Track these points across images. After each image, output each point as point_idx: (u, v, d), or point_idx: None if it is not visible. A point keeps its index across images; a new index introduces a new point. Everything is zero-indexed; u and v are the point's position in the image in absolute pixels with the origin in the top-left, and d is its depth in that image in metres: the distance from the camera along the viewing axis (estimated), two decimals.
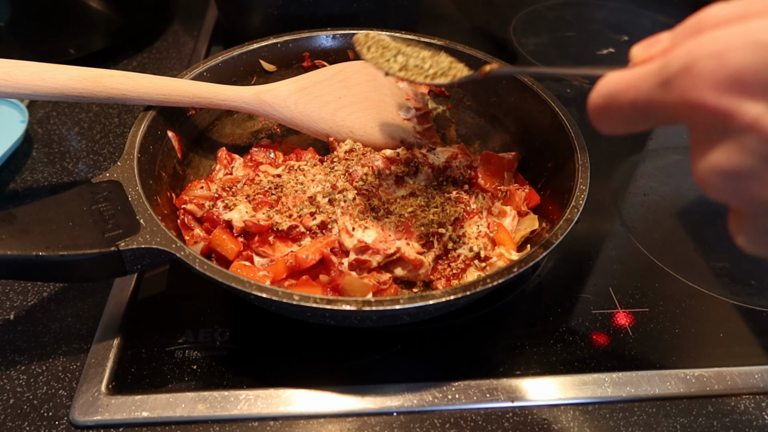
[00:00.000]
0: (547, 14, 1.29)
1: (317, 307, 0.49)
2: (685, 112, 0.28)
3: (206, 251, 0.64)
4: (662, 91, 0.29)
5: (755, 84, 0.25)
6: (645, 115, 0.31)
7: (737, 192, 0.28)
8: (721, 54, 0.26)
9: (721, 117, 0.26)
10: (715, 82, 0.26)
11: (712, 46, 0.26)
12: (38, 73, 0.62)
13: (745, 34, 0.26)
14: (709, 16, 0.29)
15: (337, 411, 0.55)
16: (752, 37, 0.25)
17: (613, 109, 0.32)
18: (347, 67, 0.80)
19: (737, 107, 0.26)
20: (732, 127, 0.26)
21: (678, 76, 0.27)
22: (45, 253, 0.50)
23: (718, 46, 0.26)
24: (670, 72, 0.28)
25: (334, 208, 0.66)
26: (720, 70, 0.26)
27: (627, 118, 0.32)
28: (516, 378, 0.58)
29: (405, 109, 0.81)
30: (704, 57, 0.26)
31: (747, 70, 0.25)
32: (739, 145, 0.26)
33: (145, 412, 0.54)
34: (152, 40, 1.11)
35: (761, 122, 0.25)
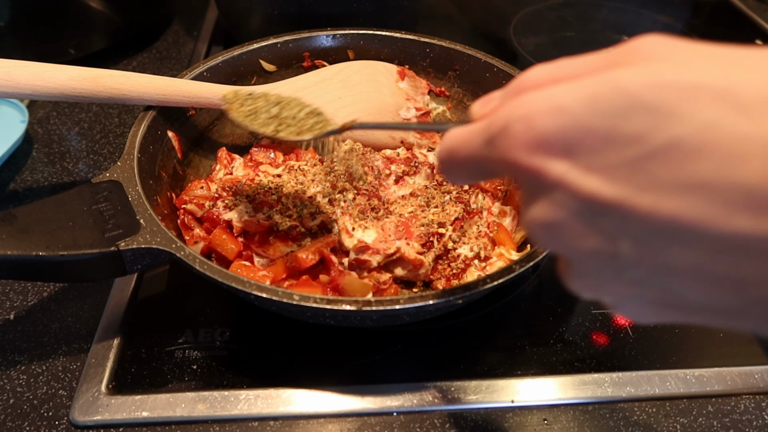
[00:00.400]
0: (547, 14, 1.29)
1: (317, 307, 0.49)
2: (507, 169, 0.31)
3: (206, 251, 0.64)
4: (488, 150, 0.32)
5: (557, 145, 0.28)
6: (479, 169, 0.34)
7: (554, 241, 0.31)
8: (529, 117, 0.29)
9: (533, 175, 0.29)
10: (525, 143, 0.29)
11: (523, 109, 0.29)
12: (38, 73, 0.62)
13: (549, 98, 0.29)
14: (528, 78, 0.32)
15: (337, 411, 0.55)
16: (554, 102, 0.28)
17: (454, 164, 0.35)
18: (347, 67, 0.80)
19: (544, 166, 0.28)
20: (543, 184, 0.29)
21: (497, 136, 0.30)
22: (45, 253, 0.50)
23: (528, 109, 0.29)
24: (492, 132, 0.31)
25: (334, 208, 0.66)
26: (528, 133, 0.29)
27: (467, 171, 0.35)
28: (516, 378, 0.58)
29: (405, 109, 0.81)
30: (516, 120, 0.29)
31: (548, 132, 0.28)
32: (550, 200, 0.29)
33: (145, 412, 0.54)
34: (152, 40, 1.11)
35: (565, 179, 0.28)
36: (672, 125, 0.25)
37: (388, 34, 0.83)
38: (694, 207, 0.25)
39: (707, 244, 0.26)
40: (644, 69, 0.27)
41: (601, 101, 0.27)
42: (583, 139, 0.27)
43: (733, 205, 0.24)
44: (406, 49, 0.84)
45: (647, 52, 0.28)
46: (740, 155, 0.24)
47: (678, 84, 0.26)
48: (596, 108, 0.27)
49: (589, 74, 0.29)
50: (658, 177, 0.26)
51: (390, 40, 0.83)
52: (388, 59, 0.84)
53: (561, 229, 0.30)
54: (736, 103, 0.25)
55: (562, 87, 0.29)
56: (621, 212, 0.27)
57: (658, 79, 0.26)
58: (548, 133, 0.28)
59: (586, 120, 0.27)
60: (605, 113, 0.27)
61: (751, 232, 0.24)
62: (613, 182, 0.27)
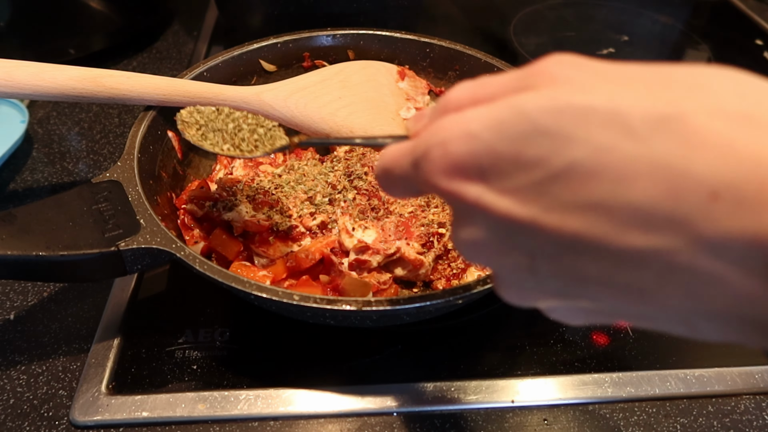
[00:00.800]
0: (547, 14, 1.29)
1: (317, 307, 0.49)
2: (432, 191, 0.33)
3: (206, 251, 0.64)
4: (414, 171, 0.33)
5: (470, 170, 0.30)
6: (411, 188, 0.35)
7: (479, 258, 0.33)
8: (445, 143, 0.30)
9: (452, 198, 0.31)
10: (443, 168, 0.31)
11: (441, 134, 0.31)
12: (38, 73, 0.62)
13: (462, 123, 0.30)
14: (451, 98, 0.33)
15: (337, 411, 0.55)
16: (465, 127, 0.30)
17: (390, 182, 0.37)
18: (347, 67, 0.80)
19: (460, 190, 0.30)
20: (462, 206, 0.31)
21: (420, 160, 0.32)
22: (45, 253, 0.50)
23: (444, 135, 0.31)
24: (416, 156, 0.33)
25: (334, 208, 0.66)
26: (444, 158, 0.30)
27: (401, 188, 0.37)
28: (516, 378, 0.58)
29: (405, 109, 0.81)
30: (435, 145, 0.31)
31: (462, 157, 0.30)
32: (471, 221, 0.31)
33: (145, 412, 0.54)
34: (152, 40, 1.11)
35: (480, 201, 0.30)
36: (569, 149, 0.27)
37: (388, 34, 0.83)
38: (594, 225, 0.27)
39: (609, 258, 0.27)
40: (544, 93, 0.28)
41: (507, 127, 0.28)
42: (493, 163, 0.29)
43: (626, 223, 0.26)
44: (406, 49, 0.84)
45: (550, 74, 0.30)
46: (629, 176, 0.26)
47: (572, 108, 0.27)
48: (503, 134, 0.29)
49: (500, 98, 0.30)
50: (560, 198, 0.27)
51: (390, 40, 0.83)
52: (388, 59, 0.84)
53: (482, 247, 0.32)
54: (624, 125, 0.26)
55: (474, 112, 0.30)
56: (532, 230, 0.29)
57: (555, 103, 0.28)
58: (462, 158, 0.30)
59: (495, 145, 0.29)
60: (511, 139, 0.28)
61: (642, 246, 0.26)
62: (523, 203, 0.28)
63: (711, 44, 1.21)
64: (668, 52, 1.22)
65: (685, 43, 1.23)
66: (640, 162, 0.26)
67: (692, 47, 1.21)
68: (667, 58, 1.20)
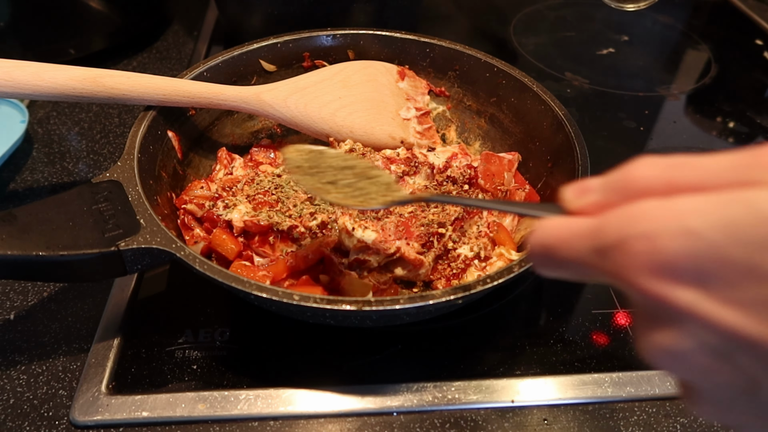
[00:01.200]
0: (547, 14, 1.29)
1: (317, 307, 0.49)
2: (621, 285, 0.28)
3: (206, 251, 0.64)
4: (598, 260, 0.29)
5: (686, 272, 0.25)
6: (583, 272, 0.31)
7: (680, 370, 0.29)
8: (654, 237, 0.26)
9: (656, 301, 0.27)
10: (649, 266, 0.26)
11: (644, 225, 0.26)
12: (38, 73, 0.62)
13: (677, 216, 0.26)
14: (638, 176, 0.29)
15: (337, 411, 0.55)
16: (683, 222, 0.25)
17: (552, 261, 0.32)
18: (347, 67, 0.80)
19: (670, 294, 0.26)
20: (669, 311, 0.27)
21: (612, 250, 0.28)
22: (45, 253, 0.50)
23: (651, 226, 0.26)
24: (604, 243, 0.28)
25: (334, 208, 0.66)
26: (653, 255, 0.26)
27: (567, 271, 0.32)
28: (516, 378, 0.58)
29: (405, 109, 0.81)
30: (637, 236, 0.26)
31: (678, 257, 0.25)
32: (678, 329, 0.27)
33: (145, 412, 0.54)
34: (152, 40, 1.11)
35: (695, 309, 0.26)
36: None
37: (388, 34, 0.83)
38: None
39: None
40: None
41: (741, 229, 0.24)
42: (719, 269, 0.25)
43: None
44: (406, 49, 0.84)
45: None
46: None
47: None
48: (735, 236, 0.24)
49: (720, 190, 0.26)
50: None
51: (390, 40, 0.83)
52: (388, 59, 0.84)
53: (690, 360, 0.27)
54: None
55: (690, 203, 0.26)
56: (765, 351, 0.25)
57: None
58: (678, 258, 0.25)
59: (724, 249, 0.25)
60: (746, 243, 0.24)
61: None
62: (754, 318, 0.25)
63: (711, 44, 1.21)
64: (668, 52, 1.22)
65: (685, 43, 1.23)
66: None
67: (692, 47, 1.22)
68: (667, 58, 1.20)
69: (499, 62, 0.79)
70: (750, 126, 1.01)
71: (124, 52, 1.07)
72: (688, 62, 1.18)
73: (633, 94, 1.05)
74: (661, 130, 0.97)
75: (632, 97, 1.04)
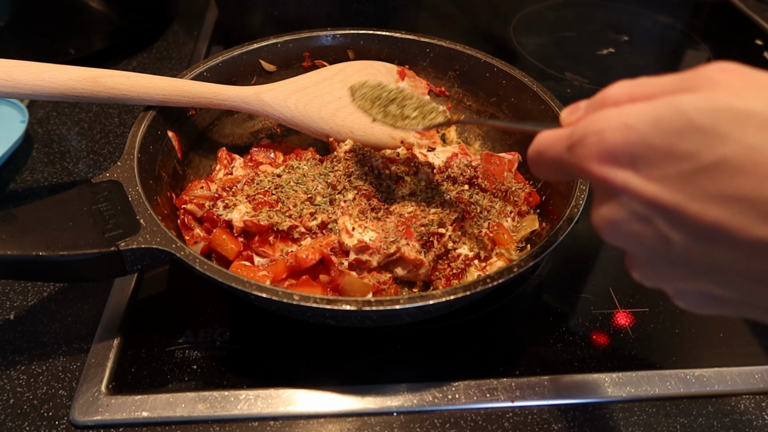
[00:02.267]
0: (547, 14, 1.29)
1: (317, 307, 0.49)
2: (581, 174, 0.36)
3: (206, 251, 0.64)
4: (567, 155, 0.37)
5: (622, 157, 0.33)
6: (560, 170, 0.39)
7: (618, 237, 0.36)
8: (602, 131, 0.34)
9: (601, 181, 0.34)
10: (596, 154, 0.34)
11: (598, 124, 0.34)
12: (38, 73, 0.62)
13: (620, 116, 0.33)
14: (610, 93, 0.37)
15: (337, 411, 0.55)
16: (623, 119, 0.33)
17: (541, 162, 0.41)
18: (347, 67, 0.80)
19: (610, 174, 0.34)
20: (610, 188, 0.34)
21: (576, 145, 0.36)
22: (45, 253, 0.50)
23: (602, 125, 0.34)
24: (572, 141, 0.36)
25: (334, 208, 0.66)
26: (599, 145, 0.34)
27: (551, 169, 0.41)
28: (516, 378, 0.58)
29: None
30: (591, 133, 0.34)
31: (617, 146, 0.33)
32: (615, 202, 0.35)
33: (145, 412, 0.54)
34: (152, 40, 1.12)
35: (629, 185, 0.33)
36: (721, 146, 0.30)
37: (388, 34, 0.83)
38: (735, 216, 0.30)
39: (744, 248, 0.30)
40: (703, 95, 0.31)
41: (664, 122, 0.32)
42: (645, 153, 0.32)
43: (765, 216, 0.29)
44: (406, 49, 0.84)
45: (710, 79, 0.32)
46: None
47: (730, 110, 0.30)
48: (658, 128, 0.32)
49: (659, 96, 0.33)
50: (706, 188, 0.30)
51: (390, 40, 0.83)
52: (388, 59, 0.84)
53: (623, 226, 0.35)
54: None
55: (633, 107, 0.33)
56: (675, 215, 0.32)
57: (713, 105, 0.30)
58: (616, 146, 0.33)
59: (649, 138, 0.32)
60: (666, 133, 0.31)
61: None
62: (669, 190, 0.32)
63: (711, 44, 1.21)
64: (668, 52, 1.22)
65: (685, 43, 1.23)
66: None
67: (692, 47, 1.22)
68: (667, 58, 1.20)
69: (499, 62, 0.79)
70: None
71: (124, 52, 1.07)
72: (688, 62, 1.18)
73: None
74: None
75: None
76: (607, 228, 0.36)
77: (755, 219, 0.29)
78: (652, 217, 0.33)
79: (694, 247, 0.32)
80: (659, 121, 0.32)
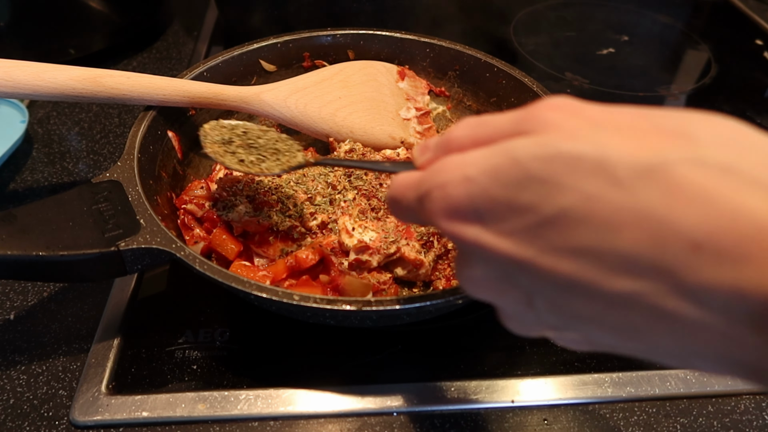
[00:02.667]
0: (547, 14, 1.29)
1: (317, 307, 0.49)
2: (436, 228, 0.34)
3: (206, 251, 0.64)
4: (419, 208, 0.35)
5: (468, 213, 0.31)
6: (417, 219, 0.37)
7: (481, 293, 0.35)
8: (444, 186, 0.32)
9: (452, 237, 0.33)
10: (443, 210, 0.32)
11: (441, 177, 0.33)
12: (38, 73, 0.62)
13: (460, 167, 0.32)
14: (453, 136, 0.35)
15: (337, 411, 0.55)
16: (463, 171, 0.31)
17: (399, 211, 0.39)
18: (347, 67, 0.80)
19: (460, 231, 0.32)
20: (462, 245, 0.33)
21: (423, 198, 0.34)
22: (45, 253, 0.50)
23: (444, 177, 0.32)
24: (420, 193, 0.35)
25: (334, 208, 0.66)
26: (444, 201, 0.32)
27: (409, 217, 0.38)
28: (516, 378, 0.58)
29: (405, 109, 0.81)
30: (436, 187, 0.33)
31: (460, 201, 0.31)
32: (472, 259, 0.33)
33: (145, 412, 0.54)
34: (152, 40, 1.12)
35: (479, 242, 0.31)
36: (559, 196, 0.28)
37: (388, 34, 0.83)
38: (584, 269, 0.28)
39: (599, 299, 0.29)
40: (536, 140, 0.30)
41: (501, 172, 0.30)
42: (489, 207, 0.31)
43: (614, 268, 0.27)
44: (406, 49, 0.84)
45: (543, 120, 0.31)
46: (615, 225, 0.27)
47: (562, 156, 0.28)
48: (497, 179, 0.30)
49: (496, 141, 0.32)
50: (553, 242, 0.29)
51: (390, 40, 0.83)
52: (388, 59, 0.84)
53: (483, 283, 0.34)
54: (610, 175, 0.27)
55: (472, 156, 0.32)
56: (529, 270, 0.30)
57: (545, 151, 0.29)
58: (460, 202, 0.32)
59: (490, 190, 0.30)
60: (505, 184, 0.30)
61: (629, 290, 0.27)
62: (519, 244, 0.30)
63: (711, 44, 1.21)
64: (668, 52, 1.22)
65: (685, 43, 1.23)
66: (625, 211, 0.27)
67: (692, 47, 1.22)
68: (667, 58, 1.20)
69: (499, 62, 0.79)
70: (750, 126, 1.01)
71: (124, 52, 1.07)
72: (688, 62, 1.18)
73: (633, 94, 1.05)
74: None
75: (632, 97, 1.04)
76: (469, 285, 0.35)
77: (605, 272, 0.28)
78: (509, 272, 0.31)
79: (554, 301, 0.31)
80: (497, 171, 0.30)
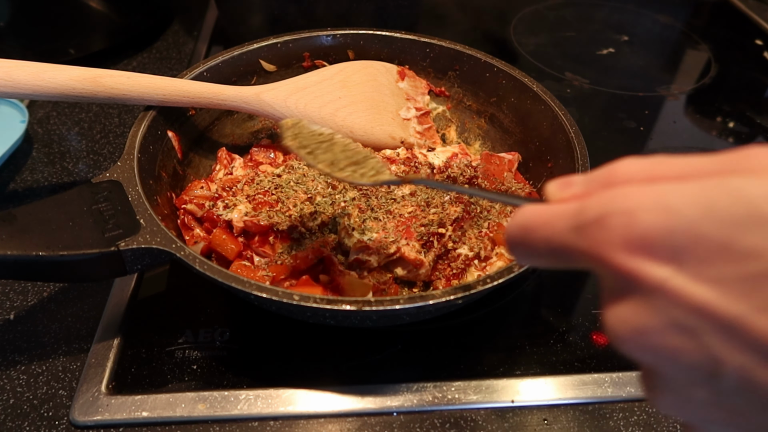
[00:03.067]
0: (547, 14, 1.29)
1: (317, 307, 0.49)
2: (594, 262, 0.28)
3: (206, 251, 0.64)
4: (575, 237, 0.29)
5: (660, 247, 0.26)
6: (557, 255, 0.31)
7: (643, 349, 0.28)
8: (633, 212, 0.26)
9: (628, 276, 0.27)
10: (625, 239, 0.26)
11: (625, 202, 0.27)
12: (38, 73, 0.62)
13: (656, 195, 0.26)
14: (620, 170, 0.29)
15: (337, 411, 0.55)
16: (662, 199, 0.26)
17: (528, 243, 0.32)
18: (347, 67, 0.80)
19: (643, 269, 0.26)
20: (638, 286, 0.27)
21: (591, 225, 0.28)
22: (45, 253, 0.50)
23: (631, 203, 0.27)
24: (584, 219, 0.28)
25: (334, 209, 0.66)
26: (630, 228, 0.26)
27: (541, 253, 0.32)
28: (516, 378, 0.58)
29: (405, 109, 0.81)
30: (617, 212, 0.27)
31: (654, 232, 0.26)
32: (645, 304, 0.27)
33: (145, 412, 0.54)
34: (152, 40, 1.12)
35: (666, 284, 0.26)
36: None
37: (388, 34, 0.83)
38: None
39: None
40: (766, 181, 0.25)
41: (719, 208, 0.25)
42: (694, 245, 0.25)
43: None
44: (406, 49, 0.84)
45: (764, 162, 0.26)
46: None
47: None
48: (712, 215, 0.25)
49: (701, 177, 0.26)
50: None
51: (390, 40, 0.83)
52: (388, 59, 0.84)
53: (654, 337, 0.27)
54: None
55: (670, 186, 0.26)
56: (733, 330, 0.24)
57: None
58: (653, 233, 0.26)
59: (700, 226, 0.25)
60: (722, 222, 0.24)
61: None
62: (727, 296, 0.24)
63: (711, 44, 1.21)
64: (668, 52, 1.22)
65: (685, 43, 1.23)
66: None
67: (692, 47, 1.22)
68: (667, 58, 1.20)
69: (499, 62, 0.79)
70: (750, 126, 1.01)
71: (124, 52, 1.07)
72: (688, 62, 1.18)
73: (633, 94, 1.05)
74: (661, 130, 0.97)
75: (632, 97, 1.04)
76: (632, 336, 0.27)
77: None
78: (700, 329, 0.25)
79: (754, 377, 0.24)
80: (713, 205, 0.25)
